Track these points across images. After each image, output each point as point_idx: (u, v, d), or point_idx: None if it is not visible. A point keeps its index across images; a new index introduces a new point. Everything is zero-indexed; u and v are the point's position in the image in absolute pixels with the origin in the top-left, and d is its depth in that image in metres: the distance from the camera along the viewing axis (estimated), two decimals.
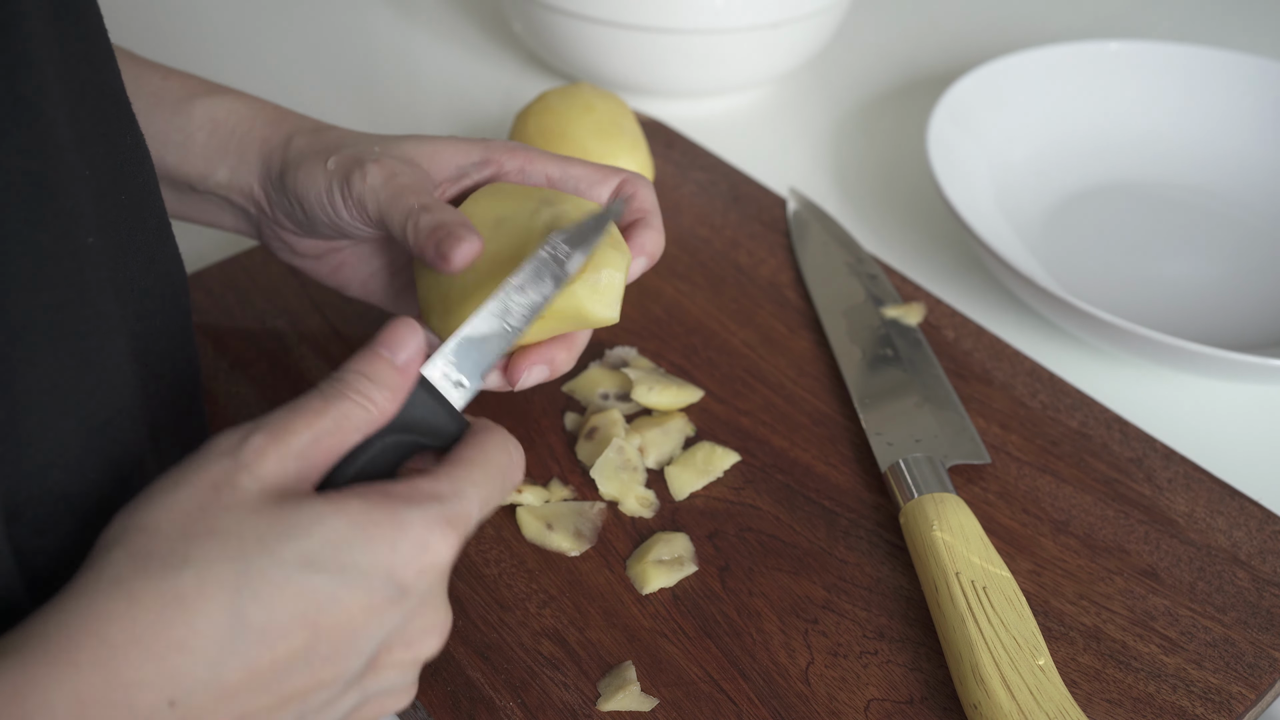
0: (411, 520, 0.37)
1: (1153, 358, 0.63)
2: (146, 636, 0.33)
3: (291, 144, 0.52)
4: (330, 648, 0.36)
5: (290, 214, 0.52)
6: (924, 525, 0.52)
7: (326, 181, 0.50)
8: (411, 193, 0.48)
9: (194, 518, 0.36)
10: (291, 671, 0.35)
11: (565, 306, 0.47)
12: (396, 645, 0.38)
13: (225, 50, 0.94)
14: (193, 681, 0.34)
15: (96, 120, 0.39)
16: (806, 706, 0.48)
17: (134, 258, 0.42)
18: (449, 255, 0.45)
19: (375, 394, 0.40)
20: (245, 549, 0.35)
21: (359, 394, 0.39)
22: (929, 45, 0.98)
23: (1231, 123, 0.82)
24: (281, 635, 0.35)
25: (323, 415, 0.38)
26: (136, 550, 0.35)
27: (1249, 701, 0.49)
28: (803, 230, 0.71)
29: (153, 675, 0.33)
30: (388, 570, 0.37)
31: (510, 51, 0.95)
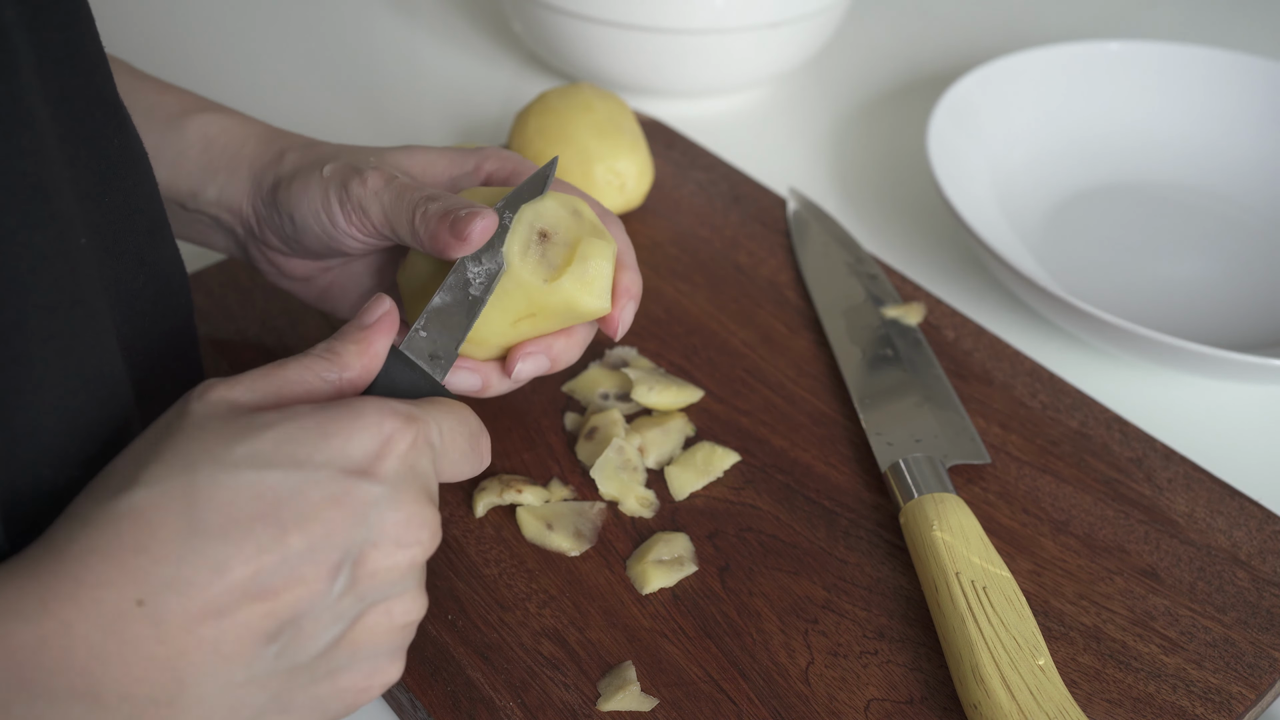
0: (365, 409, 0.38)
1: (1153, 358, 0.63)
2: (102, 545, 0.34)
3: (284, 160, 0.52)
4: (303, 542, 0.36)
5: (280, 230, 0.52)
6: (924, 525, 0.52)
7: (323, 191, 0.49)
8: (413, 189, 0.48)
9: (143, 449, 0.37)
10: (268, 571, 0.35)
11: (555, 301, 0.47)
12: (382, 542, 0.37)
13: (226, 51, 0.94)
14: (158, 582, 0.34)
15: (80, 122, 0.39)
16: (806, 706, 0.48)
17: (122, 260, 0.43)
18: (466, 232, 0.45)
19: (339, 347, 0.41)
20: (192, 460, 0.36)
21: (324, 349, 0.41)
22: (929, 45, 0.98)
23: (1231, 123, 0.82)
24: (245, 535, 0.35)
25: (284, 365, 0.40)
26: (91, 488, 0.36)
27: (1249, 701, 0.49)
28: (803, 230, 0.71)
29: (114, 575, 0.34)
30: (345, 459, 0.37)
31: (510, 51, 0.95)
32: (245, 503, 0.35)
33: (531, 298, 0.47)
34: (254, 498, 0.35)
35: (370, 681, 0.39)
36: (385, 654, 0.39)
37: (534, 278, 0.47)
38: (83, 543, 0.34)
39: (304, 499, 0.36)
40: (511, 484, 0.55)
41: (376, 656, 0.39)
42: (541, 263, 0.47)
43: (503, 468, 0.57)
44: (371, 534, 0.37)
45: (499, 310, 0.48)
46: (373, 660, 0.39)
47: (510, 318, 0.48)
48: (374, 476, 0.37)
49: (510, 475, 0.56)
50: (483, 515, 0.55)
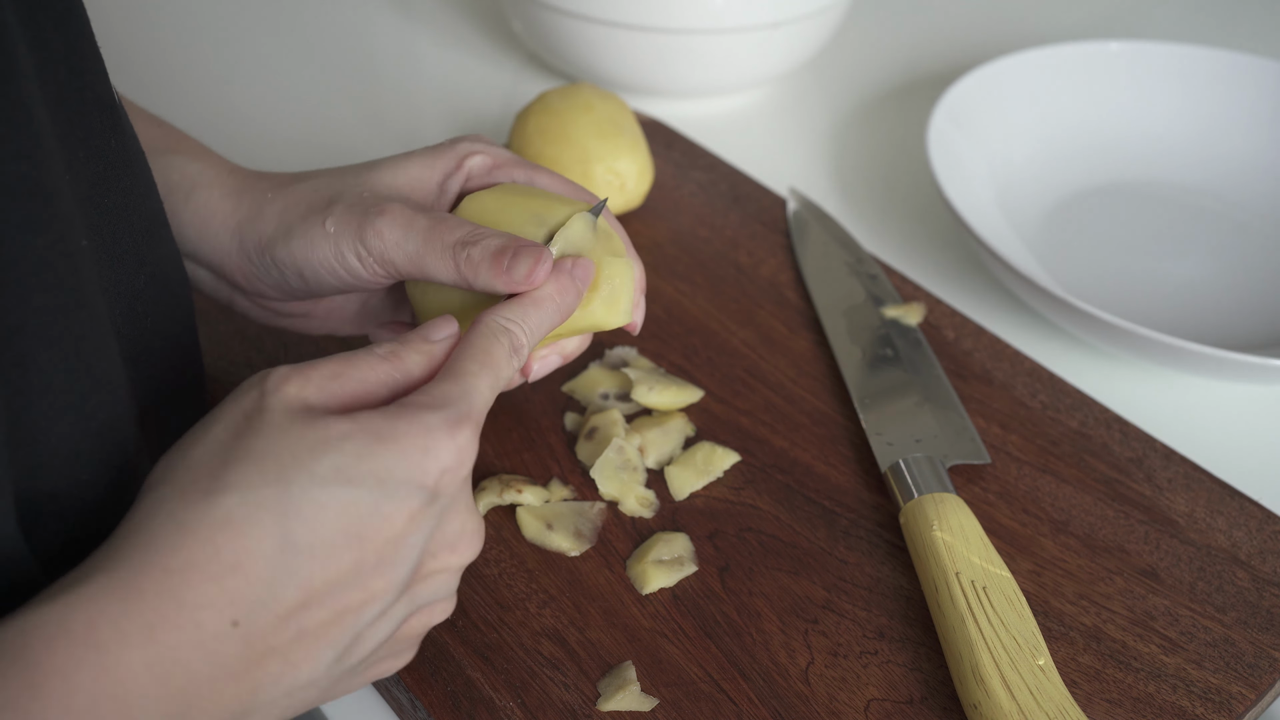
0: (435, 426, 0.38)
1: (1153, 358, 0.63)
2: (201, 560, 0.34)
3: (264, 215, 0.50)
4: (378, 558, 0.37)
5: (282, 284, 0.50)
6: (924, 525, 0.52)
7: (334, 248, 0.48)
8: (440, 230, 0.46)
9: (229, 445, 0.37)
10: (345, 586, 0.37)
11: (583, 321, 0.49)
12: (439, 551, 0.40)
13: (225, 50, 0.94)
14: (252, 602, 0.35)
15: (77, 124, 0.39)
16: (806, 706, 0.48)
17: (122, 261, 0.42)
18: (530, 274, 0.45)
19: (404, 354, 0.41)
20: (284, 470, 0.36)
21: (389, 351, 0.41)
22: (929, 45, 0.98)
23: (1231, 123, 0.82)
24: (330, 552, 0.36)
25: (349, 362, 0.40)
26: (179, 483, 0.36)
27: (1249, 701, 0.49)
28: (803, 230, 0.71)
29: (214, 596, 0.34)
30: (421, 475, 0.38)
31: (510, 51, 0.95)
32: (332, 519, 0.36)
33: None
34: (339, 514, 0.36)
35: (392, 666, 0.42)
36: (410, 646, 0.42)
37: None
38: (184, 556, 0.34)
39: (381, 516, 0.37)
40: (511, 484, 0.55)
41: (404, 649, 0.42)
42: None
43: (503, 468, 0.57)
44: (432, 544, 0.39)
45: None
46: (400, 653, 0.42)
47: None
48: (441, 491, 0.39)
49: (510, 475, 0.56)
50: (483, 515, 0.55)
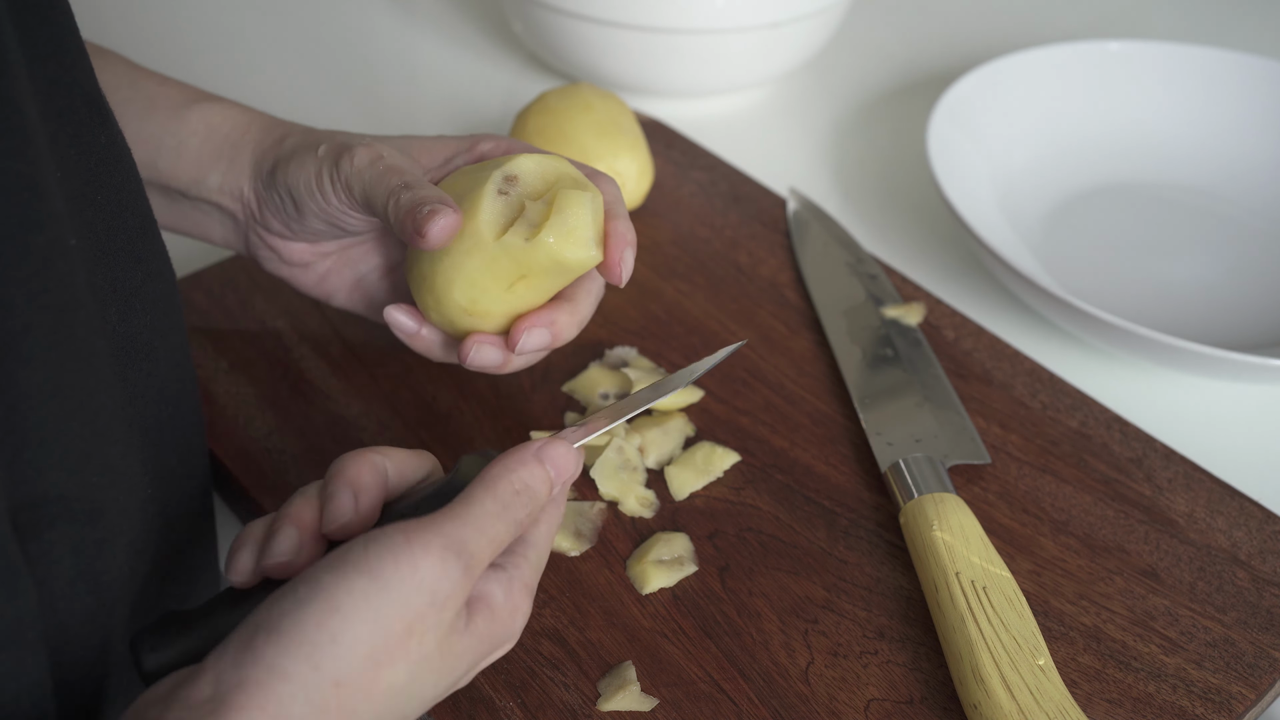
0: (520, 610, 0.41)
1: (1153, 358, 0.63)
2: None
3: (284, 144, 0.52)
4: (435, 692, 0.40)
5: (280, 210, 0.53)
6: (924, 525, 0.52)
7: (316, 167, 0.50)
8: (395, 173, 0.48)
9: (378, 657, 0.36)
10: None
11: (541, 258, 0.47)
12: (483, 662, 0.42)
13: (225, 51, 0.94)
14: None
15: (66, 120, 0.39)
16: (806, 706, 0.48)
17: (117, 258, 0.42)
18: (425, 231, 0.46)
19: (536, 511, 0.42)
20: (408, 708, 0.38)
21: (527, 512, 0.41)
22: (929, 45, 0.98)
23: (1231, 123, 0.82)
24: None
25: (499, 521, 0.40)
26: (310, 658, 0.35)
27: (1249, 701, 0.49)
28: (803, 230, 0.71)
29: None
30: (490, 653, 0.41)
31: (510, 51, 0.95)
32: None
33: (517, 259, 0.48)
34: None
35: None
36: None
37: (514, 237, 0.47)
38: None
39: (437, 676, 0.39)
40: None
41: None
42: (521, 222, 0.48)
43: None
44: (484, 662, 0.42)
45: (490, 276, 0.48)
46: None
47: (503, 283, 0.48)
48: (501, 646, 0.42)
49: None
50: None
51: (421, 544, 0.37)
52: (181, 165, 0.54)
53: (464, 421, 0.59)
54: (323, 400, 0.60)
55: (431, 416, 0.59)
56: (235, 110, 0.55)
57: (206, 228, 0.56)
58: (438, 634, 0.38)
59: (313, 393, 0.60)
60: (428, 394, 0.60)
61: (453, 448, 0.57)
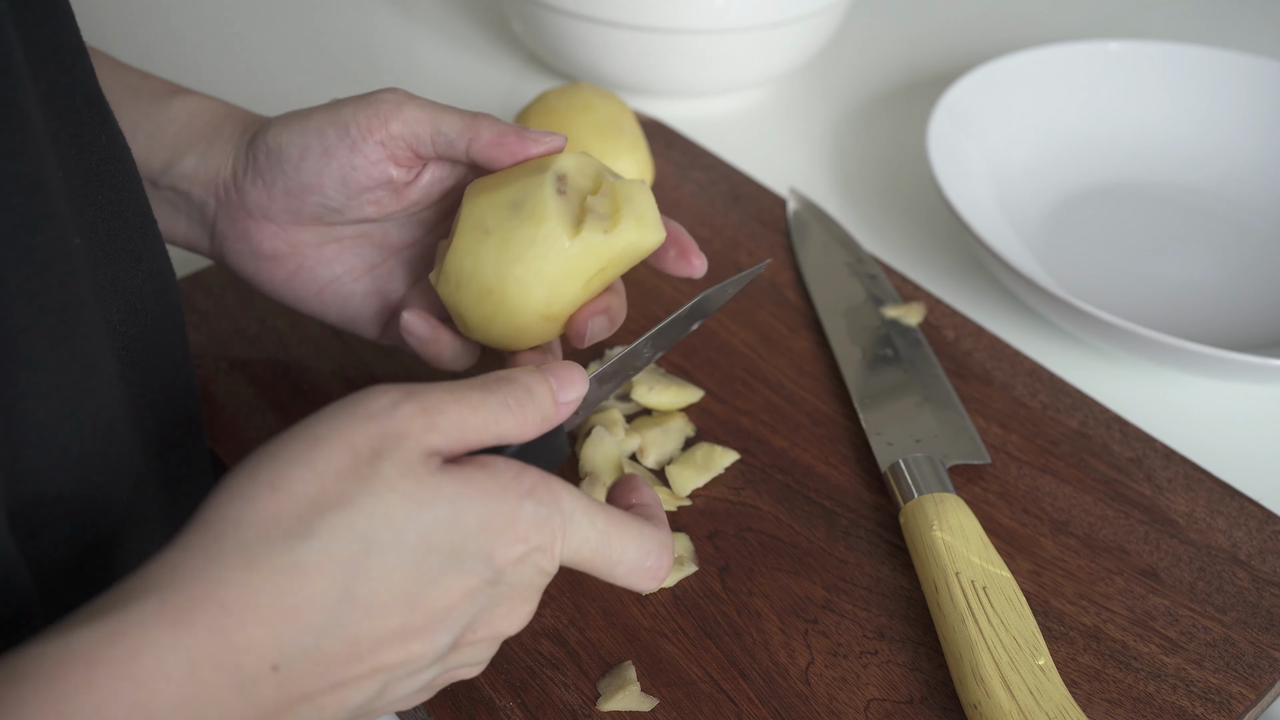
0: (524, 513, 0.38)
1: (1153, 358, 0.63)
2: (261, 603, 0.34)
3: (269, 122, 0.51)
4: (425, 623, 0.37)
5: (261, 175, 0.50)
6: (924, 525, 0.52)
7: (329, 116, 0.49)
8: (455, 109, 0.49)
9: (327, 484, 0.36)
10: (387, 645, 0.36)
11: (620, 247, 0.49)
12: (481, 625, 0.39)
13: (225, 50, 0.94)
14: (297, 649, 0.34)
15: (67, 120, 0.39)
16: (806, 706, 0.48)
17: (118, 257, 0.42)
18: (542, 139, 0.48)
19: (530, 413, 0.40)
20: (371, 527, 0.35)
21: (518, 405, 0.40)
22: (929, 45, 0.98)
23: (1231, 123, 0.82)
24: (384, 611, 0.36)
25: (477, 410, 0.39)
26: (264, 512, 0.35)
27: (1249, 701, 0.49)
28: (803, 230, 0.71)
29: (261, 640, 0.34)
30: (492, 557, 0.38)
31: (510, 51, 0.95)
32: (397, 581, 0.36)
33: (597, 253, 0.49)
34: (405, 577, 0.36)
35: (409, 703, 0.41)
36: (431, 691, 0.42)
37: (592, 233, 0.48)
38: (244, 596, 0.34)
39: (444, 586, 0.37)
40: None
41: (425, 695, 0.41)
42: (592, 217, 0.49)
43: None
44: (480, 620, 0.39)
45: (571, 276, 0.49)
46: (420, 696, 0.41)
47: (582, 281, 0.49)
48: (506, 576, 0.38)
49: None
50: None
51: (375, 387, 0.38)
52: (156, 150, 0.52)
53: None
54: (323, 400, 0.60)
55: None
56: (219, 103, 0.54)
57: (171, 222, 0.54)
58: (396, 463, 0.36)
59: (313, 393, 0.60)
60: None
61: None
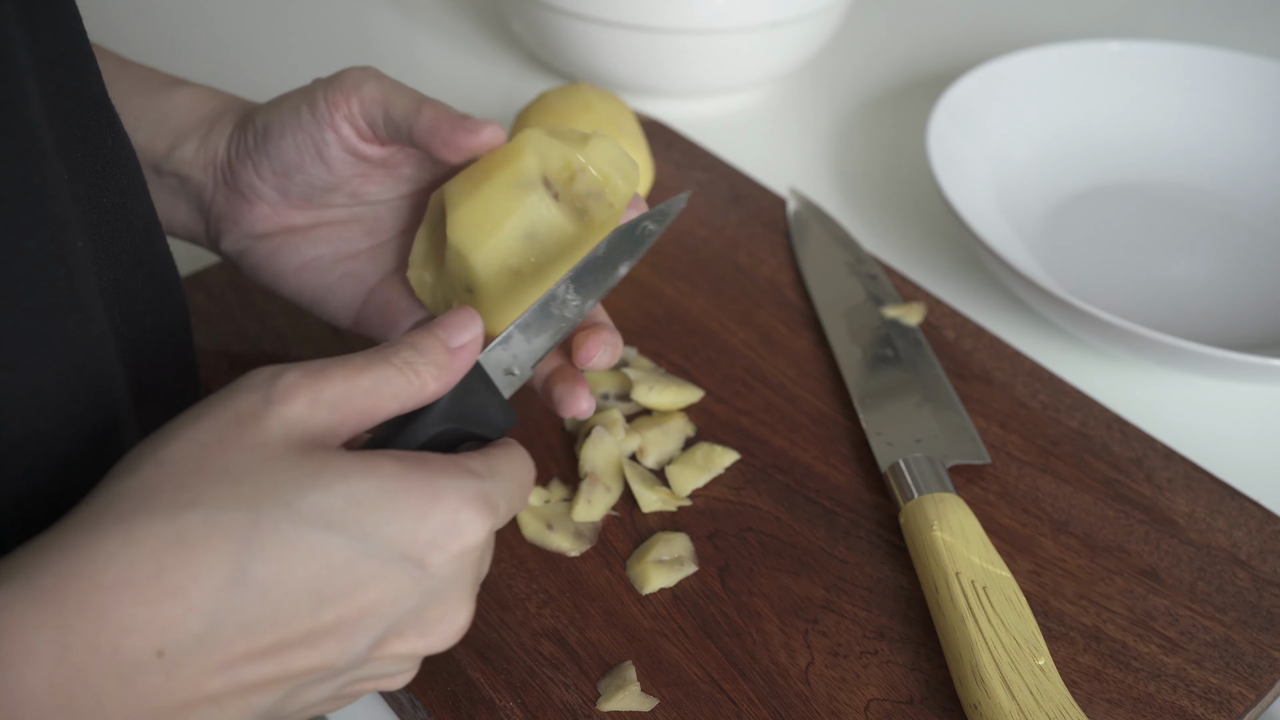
0: (446, 491, 0.35)
1: (1153, 358, 0.63)
2: (140, 579, 0.31)
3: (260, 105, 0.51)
4: (337, 621, 0.34)
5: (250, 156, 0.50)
6: (924, 525, 0.52)
7: (307, 95, 0.48)
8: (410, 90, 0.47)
9: (211, 452, 0.34)
10: (294, 647, 0.34)
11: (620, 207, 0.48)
12: (408, 631, 0.36)
13: (225, 50, 0.94)
14: (184, 633, 0.32)
15: (74, 123, 0.39)
16: (806, 706, 0.48)
17: (120, 260, 0.42)
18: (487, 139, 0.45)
19: (421, 366, 0.38)
20: (260, 496, 0.33)
21: (404, 362, 0.38)
22: (929, 45, 0.98)
23: (1231, 123, 0.82)
24: (286, 599, 0.33)
25: (363, 372, 0.37)
26: (146, 482, 0.33)
27: (1249, 701, 0.49)
28: (803, 230, 0.71)
29: (142, 620, 0.31)
30: (408, 541, 0.35)
31: (510, 51, 0.95)
32: (297, 564, 0.33)
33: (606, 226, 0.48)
34: (307, 559, 0.33)
35: (328, 709, 0.38)
36: (350, 700, 0.39)
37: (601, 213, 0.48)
38: (120, 572, 0.31)
39: (354, 573, 0.34)
40: None
41: (343, 703, 0.39)
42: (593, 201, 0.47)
43: None
44: (402, 622, 0.36)
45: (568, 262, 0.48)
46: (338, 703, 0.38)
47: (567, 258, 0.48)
48: (428, 567, 0.35)
49: None
50: None
51: None
52: (160, 136, 0.51)
53: None
54: None
55: None
56: (223, 93, 0.54)
57: (171, 210, 0.54)
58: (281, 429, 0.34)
59: None
60: None
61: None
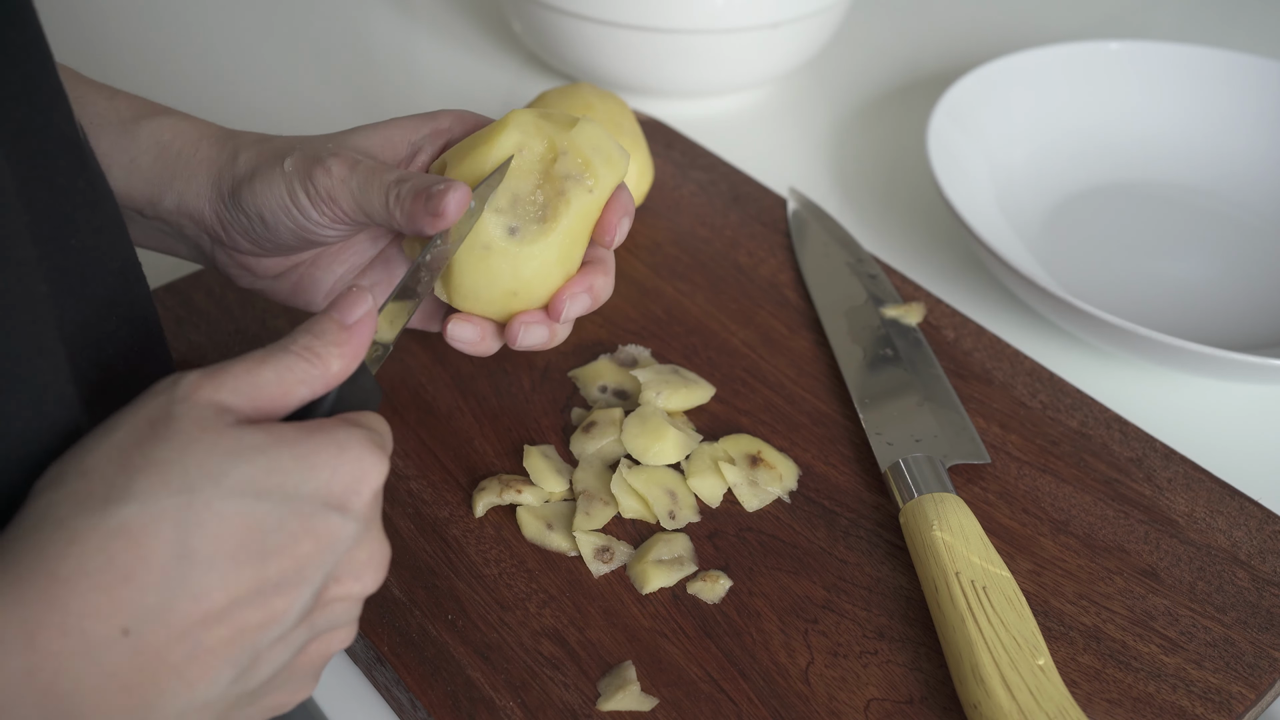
0: (348, 442, 0.38)
1: (1153, 358, 0.63)
2: (92, 568, 0.33)
3: (239, 160, 0.51)
4: (280, 576, 0.36)
5: (249, 231, 0.51)
6: (924, 525, 0.52)
7: (287, 185, 0.49)
8: (381, 171, 0.48)
9: (130, 454, 0.35)
10: (245, 604, 0.36)
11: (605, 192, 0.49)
12: (344, 576, 0.39)
13: (224, 51, 0.94)
14: (143, 610, 0.34)
15: (38, 163, 0.38)
16: (806, 706, 0.48)
17: (90, 303, 0.41)
18: (441, 208, 0.46)
19: (320, 348, 0.40)
20: (189, 479, 0.35)
21: (303, 348, 0.40)
22: (929, 45, 0.98)
23: (1231, 123, 0.82)
24: (230, 566, 0.35)
25: (263, 363, 0.39)
26: (75, 492, 0.35)
27: (1249, 701, 0.49)
28: (803, 230, 0.71)
29: (102, 605, 0.33)
30: (327, 492, 0.37)
31: (510, 51, 0.95)
32: (234, 532, 0.35)
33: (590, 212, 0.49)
34: (242, 527, 0.35)
35: (291, 699, 0.40)
36: (311, 676, 0.41)
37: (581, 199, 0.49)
38: (73, 565, 0.33)
39: (286, 531, 0.36)
40: (511, 484, 0.55)
41: (304, 679, 0.40)
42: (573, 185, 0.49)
43: (503, 468, 0.57)
44: (337, 568, 0.38)
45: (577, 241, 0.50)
46: (299, 682, 0.40)
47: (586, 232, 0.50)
48: (348, 511, 0.38)
49: (510, 475, 0.56)
50: (482, 515, 0.55)
51: None
52: (134, 184, 0.52)
53: (464, 421, 0.59)
54: None
55: (432, 417, 0.59)
56: (185, 124, 0.53)
57: (170, 245, 0.55)
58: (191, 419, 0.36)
59: None
60: (428, 394, 0.60)
61: (453, 448, 0.57)
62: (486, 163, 0.49)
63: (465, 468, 0.57)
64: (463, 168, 0.49)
